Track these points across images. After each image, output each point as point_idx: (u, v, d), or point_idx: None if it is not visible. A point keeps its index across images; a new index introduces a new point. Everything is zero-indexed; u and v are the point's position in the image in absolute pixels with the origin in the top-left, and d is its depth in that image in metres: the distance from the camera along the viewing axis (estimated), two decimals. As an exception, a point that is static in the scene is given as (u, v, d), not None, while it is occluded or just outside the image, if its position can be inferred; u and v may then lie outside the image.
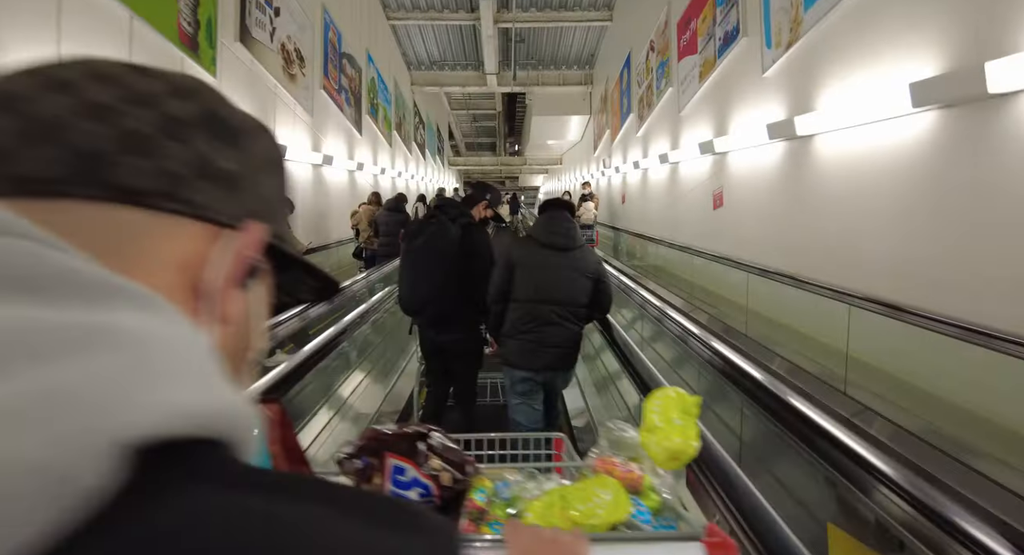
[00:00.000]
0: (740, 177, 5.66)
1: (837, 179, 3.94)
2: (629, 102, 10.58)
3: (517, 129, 27.70)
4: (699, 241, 6.72)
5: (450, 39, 13.38)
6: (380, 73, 11.24)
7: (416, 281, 2.79)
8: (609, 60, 12.84)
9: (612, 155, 12.43)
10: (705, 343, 2.57)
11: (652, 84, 8.89)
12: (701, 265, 6.49)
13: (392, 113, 12.40)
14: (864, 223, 3.62)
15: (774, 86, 4.82)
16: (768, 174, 4.98)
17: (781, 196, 4.77)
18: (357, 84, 9.54)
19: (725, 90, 5.98)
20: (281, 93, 6.32)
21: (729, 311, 5.40)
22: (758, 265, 4.98)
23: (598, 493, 0.86)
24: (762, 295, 4.86)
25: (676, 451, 0.92)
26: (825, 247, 4.04)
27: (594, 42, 13.66)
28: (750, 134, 5.14)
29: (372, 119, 10.55)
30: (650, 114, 9.02)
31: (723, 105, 6.03)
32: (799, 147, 4.43)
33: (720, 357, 2.34)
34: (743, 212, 5.60)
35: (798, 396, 1.79)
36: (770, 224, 4.96)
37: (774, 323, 4.63)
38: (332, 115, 8.20)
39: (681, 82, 7.44)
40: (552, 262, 2.58)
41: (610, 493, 0.86)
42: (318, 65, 7.60)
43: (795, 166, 4.52)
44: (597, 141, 14.59)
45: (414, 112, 15.40)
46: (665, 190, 8.28)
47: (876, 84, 3.39)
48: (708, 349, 2.50)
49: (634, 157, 9.96)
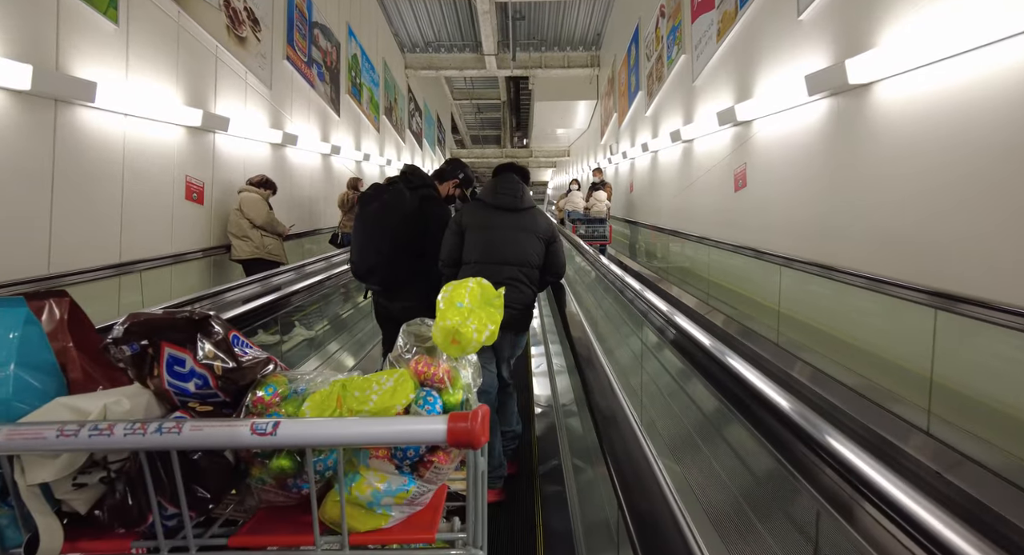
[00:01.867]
0: (768, 150, 4.64)
1: (914, 140, 2.92)
2: (637, 79, 9.55)
3: (524, 122, 26.71)
4: (716, 230, 5.70)
5: (444, 17, 12.40)
6: (365, 51, 10.31)
7: (364, 246, 2.72)
8: (616, 38, 11.80)
9: (620, 140, 11.40)
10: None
11: (662, 54, 7.87)
12: (741, 268, 5.46)
13: (380, 96, 11.47)
14: (956, 199, 2.60)
15: (814, 29, 3.80)
16: (805, 141, 3.96)
17: (824, 169, 3.75)
18: (334, 60, 8.61)
19: (749, 45, 4.95)
20: (225, 57, 5.40)
21: (771, 320, 4.40)
22: (793, 257, 3.96)
23: (380, 381, 0.81)
24: (818, 298, 3.85)
25: (451, 331, 0.88)
26: (894, 232, 3.03)
27: (600, 19, 12.60)
28: (781, 93, 4.12)
29: (354, 100, 9.63)
30: (660, 89, 8.00)
31: (746, 65, 5.01)
32: (849, 103, 3.41)
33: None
34: (771, 192, 4.59)
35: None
36: (808, 205, 3.94)
37: (848, 344, 3.60)
38: (299, 90, 7.28)
39: (695, 47, 6.41)
40: (500, 222, 2.55)
41: (392, 381, 0.81)
42: (280, 31, 6.68)
43: (844, 127, 3.51)
44: (604, 127, 13.55)
45: (408, 98, 14.46)
46: (678, 173, 7.26)
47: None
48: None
49: (643, 139, 8.94)
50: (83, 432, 0.63)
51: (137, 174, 4.17)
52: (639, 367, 3.06)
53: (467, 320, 0.90)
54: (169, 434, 0.64)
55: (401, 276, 2.70)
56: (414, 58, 14.07)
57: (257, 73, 6.05)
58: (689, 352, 2.03)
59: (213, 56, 5.23)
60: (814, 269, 3.54)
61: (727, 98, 5.47)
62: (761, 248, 4.53)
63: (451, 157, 3.32)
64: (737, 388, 1.56)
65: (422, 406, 0.83)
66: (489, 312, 0.95)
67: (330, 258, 5.58)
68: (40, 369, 0.75)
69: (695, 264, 6.36)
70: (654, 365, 2.75)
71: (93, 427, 0.63)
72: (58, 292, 0.85)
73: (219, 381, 0.78)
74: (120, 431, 0.63)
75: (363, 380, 0.82)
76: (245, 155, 5.86)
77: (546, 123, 18.15)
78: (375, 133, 11.12)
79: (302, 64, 7.31)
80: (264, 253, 5.11)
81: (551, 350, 4.52)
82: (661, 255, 8.04)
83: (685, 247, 6.56)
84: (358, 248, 2.75)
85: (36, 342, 0.76)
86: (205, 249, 5.07)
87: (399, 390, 0.80)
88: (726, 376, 1.65)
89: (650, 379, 2.80)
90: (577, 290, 5.43)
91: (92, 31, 3.72)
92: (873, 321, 3.06)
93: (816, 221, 3.77)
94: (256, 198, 5.09)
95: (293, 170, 7.11)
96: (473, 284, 0.99)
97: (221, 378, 0.78)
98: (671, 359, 2.42)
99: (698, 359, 1.93)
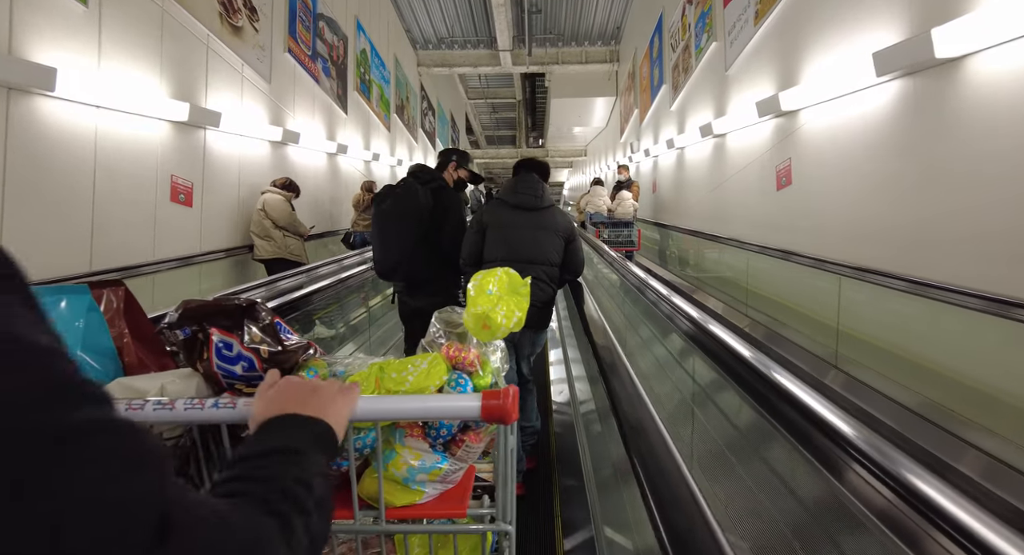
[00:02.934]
0: (819, 142, 4.09)
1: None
2: (661, 72, 9.00)
3: (539, 122, 26.20)
4: (755, 233, 5.15)
5: (458, 11, 11.94)
6: (375, 46, 9.90)
7: (385, 244, 2.71)
8: (637, 31, 11.25)
9: (641, 137, 10.84)
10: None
11: (689, 44, 7.32)
12: (787, 276, 4.91)
13: (391, 93, 11.05)
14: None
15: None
16: (868, 130, 3.41)
17: (906, 163, 3.19)
18: (341, 54, 8.20)
19: (794, 25, 4.40)
20: (218, 47, 4.99)
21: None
22: (858, 265, 3.41)
23: (415, 363, 0.86)
24: (905, 319, 3.30)
25: (481, 317, 0.92)
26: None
27: (620, 11, 12.05)
28: (837, 77, 3.58)
29: (363, 97, 9.22)
30: (687, 81, 7.44)
31: (791, 47, 4.46)
32: (930, 84, 2.86)
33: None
34: (823, 191, 4.03)
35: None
36: (881, 205, 3.38)
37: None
38: (302, 85, 6.87)
39: (728, 32, 5.86)
40: (521, 222, 2.59)
41: (426, 364, 0.86)
42: (281, 22, 6.27)
43: (925, 110, 2.95)
44: (624, 124, 12.99)
45: (421, 96, 14.04)
46: (708, 171, 6.70)
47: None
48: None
49: (668, 135, 8.39)
50: (148, 407, 0.67)
51: (112, 173, 3.75)
52: (675, 386, 2.55)
53: (496, 306, 0.95)
54: (224, 408, 0.69)
55: (422, 271, 2.70)
56: (427, 55, 13.64)
57: (255, 66, 5.64)
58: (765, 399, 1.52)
59: (204, 46, 4.81)
60: (896, 283, 2.99)
61: (767, 86, 4.92)
62: (813, 254, 3.98)
63: (443, 151, 3.20)
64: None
65: (454, 388, 0.88)
66: (516, 300, 1.00)
67: (341, 261, 5.20)
68: (101, 353, 0.81)
69: (733, 271, 5.79)
70: (679, 373, 2.25)
71: (157, 402, 0.68)
72: (115, 282, 0.90)
73: (264, 363, 0.83)
74: (180, 406, 0.68)
75: (399, 363, 0.86)
76: (240, 154, 5.45)
77: (562, 121, 17.60)
78: (385, 132, 10.70)
79: (305, 58, 6.90)
80: (286, 253, 5.16)
81: (568, 355, 4.04)
82: (694, 262, 7.29)
83: (723, 253, 5.95)
84: (379, 247, 2.74)
85: (97, 328, 0.82)
86: (194, 255, 4.65)
87: (433, 372, 0.85)
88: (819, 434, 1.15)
89: (682, 389, 2.32)
90: (605, 306, 4.92)
91: (56, 12, 3.31)
92: (998, 355, 2.49)
93: (897, 225, 3.21)
94: (279, 199, 5.15)
95: (295, 170, 6.69)
96: (501, 273, 1.03)
97: (267, 361, 0.83)
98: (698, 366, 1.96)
99: (782, 412, 1.41)
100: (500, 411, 0.70)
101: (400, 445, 0.82)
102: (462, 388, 0.87)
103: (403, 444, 0.82)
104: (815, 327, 3.80)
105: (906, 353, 2.97)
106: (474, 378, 0.90)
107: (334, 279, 3.69)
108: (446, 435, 0.85)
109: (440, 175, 2.83)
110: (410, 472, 0.81)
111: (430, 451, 0.83)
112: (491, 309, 0.93)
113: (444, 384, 0.86)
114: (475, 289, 0.98)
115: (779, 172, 4.73)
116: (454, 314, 0.96)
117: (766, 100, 4.67)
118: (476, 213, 2.73)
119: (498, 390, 0.72)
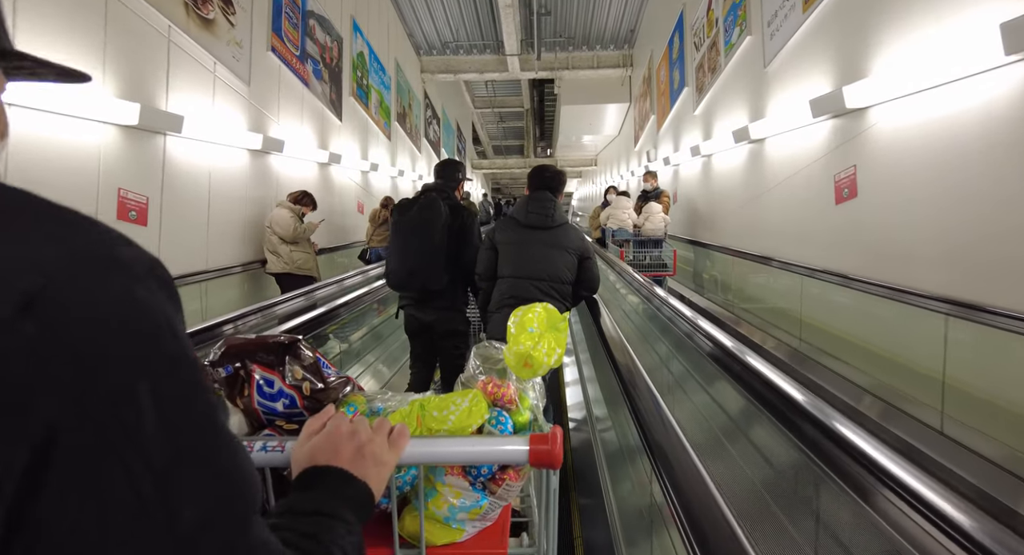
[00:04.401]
0: (899, 145, 3.34)
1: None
2: (682, 74, 8.29)
3: (548, 132, 25.56)
4: (806, 253, 4.39)
5: (463, 13, 11.33)
6: (373, 49, 9.27)
7: (404, 249, 2.74)
8: (653, 32, 10.57)
9: (659, 145, 10.12)
10: None
11: (717, 41, 6.61)
12: (858, 308, 4.14)
13: (392, 100, 10.41)
14: None
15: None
16: (985, 128, 2.65)
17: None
18: (335, 56, 7.56)
19: (862, 4, 3.67)
20: (182, 41, 4.33)
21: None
22: (970, 302, 2.64)
23: (456, 402, 0.86)
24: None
25: (523, 355, 0.93)
26: None
27: (635, 13, 11.39)
28: (934, 63, 2.84)
29: (360, 103, 8.57)
30: (714, 81, 6.72)
31: (857, 32, 3.73)
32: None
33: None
34: (902, 204, 3.27)
35: None
36: (990, 223, 2.62)
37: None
38: (289, 88, 6.21)
39: (768, 23, 5.15)
40: (532, 239, 2.62)
41: (467, 402, 0.87)
42: (263, 16, 5.62)
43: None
44: (639, 132, 12.29)
45: (425, 104, 13.42)
46: (742, 181, 5.96)
47: None
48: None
49: (691, 142, 7.65)
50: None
51: (33, 186, 3.05)
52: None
53: (538, 344, 0.96)
54: (273, 452, 0.68)
55: (439, 279, 2.71)
56: (430, 61, 13.03)
57: (229, 64, 4.98)
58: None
59: (164, 38, 4.15)
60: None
61: (821, 82, 4.19)
62: (895, 284, 3.22)
63: (442, 162, 3.04)
64: None
65: (495, 426, 0.89)
66: (556, 336, 1.01)
67: (341, 281, 5.08)
68: None
69: (783, 299, 5.00)
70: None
71: None
72: None
73: (306, 401, 0.84)
74: None
75: (440, 400, 0.88)
76: (211, 164, 4.77)
77: (572, 130, 16.91)
78: (386, 141, 10.05)
79: (293, 58, 6.24)
80: (293, 267, 5.11)
81: (584, 374, 3.31)
82: (735, 286, 6.16)
83: (769, 277, 5.12)
84: (398, 252, 2.78)
85: None
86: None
87: (474, 411, 0.86)
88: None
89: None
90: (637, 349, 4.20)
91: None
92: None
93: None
94: (285, 214, 5.06)
95: (280, 181, 6.01)
96: (540, 309, 1.04)
97: (309, 398, 0.84)
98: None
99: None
100: (548, 456, 0.70)
101: (440, 483, 0.82)
102: (503, 426, 0.89)
103: (443, 482, 0.83)
104: (908, 377, 3.02)
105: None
106: (513, 415, 0.91)
107: (320, 311, 3.32)
108: (487, 474, 0.85)
109: (450, 194, 2.85)
110: (451, 511, 0.82)
111: (470, 489, 0.84)
112: (533, 347, 0.94)
113: (484, 422, 0.87)
114: (516, 327, 0.99)
115: (839, 182, 3.98)
116: (491, 349, 0.99)
117: (823, 97, 3.94)
118: (489, 230, 2.80)
119: (545, 434, 0.72)
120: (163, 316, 0.34)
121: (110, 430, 0.30)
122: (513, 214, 2.73)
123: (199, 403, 0.35)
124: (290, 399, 0.82)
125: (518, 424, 0.89)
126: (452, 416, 0.82)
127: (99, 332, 0.31)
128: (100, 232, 0.34)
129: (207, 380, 0.30)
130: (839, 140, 3.98)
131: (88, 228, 0.34)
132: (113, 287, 0.32)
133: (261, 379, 0.82)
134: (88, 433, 0.29)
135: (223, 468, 0.36)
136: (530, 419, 0.92)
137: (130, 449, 0.31)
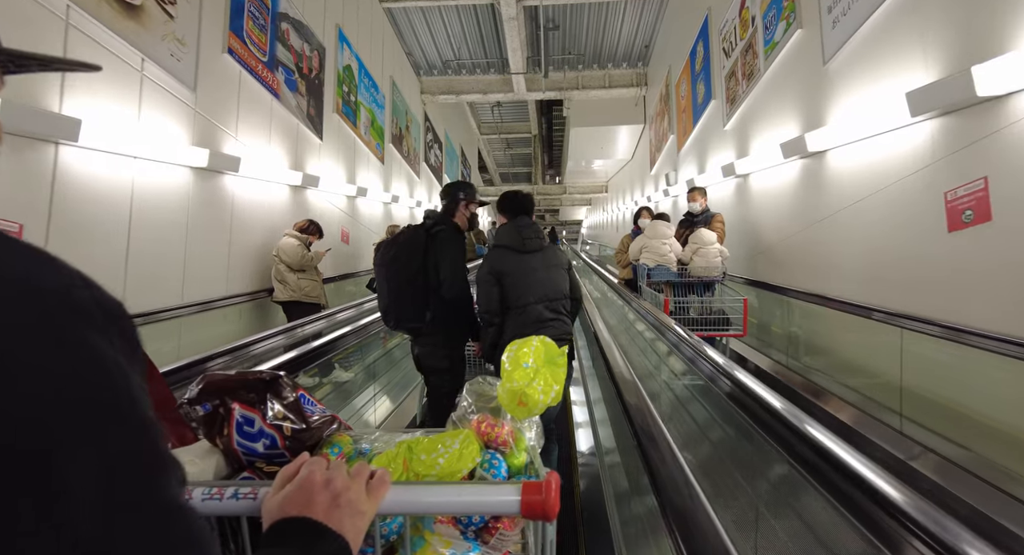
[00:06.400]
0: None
1: None
2: (708, 87, 7.34)
3: (556, 159, 24.81)
4: (904, 298, 3.30)
5: (464, 30, 10.55)
6: (364, 64, 8.43)
7: (380, 288, 2.76)
8: (671, 46, 9.69)
9: (680, 167, 9.12)
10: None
11: (754, 42, 5.65)
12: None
13: (386, 120, 9.55)
14: None
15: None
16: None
17: None
18: (315, 67, 6.68)
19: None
20: (91, 29, 3.41)
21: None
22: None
23: (445, 443, 0.81)
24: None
25: (517, 393, 0.88)
26: None
27: (649, 27, 10.57)
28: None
29: (347, 121, 7.67)
30: (751, 90, 5.73)
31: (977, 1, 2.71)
32: None
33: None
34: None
35: None
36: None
37: None
38: (253, 98, 5.29)
39: (828, 10, 4.17)
40: (533, 264, 2.66)
41: (457, 443, 0.81)
42: (218, 13, 4.73)
43: None
44: (655, 154, 11.33)
45: (426, 127, 12.60)
46: (791, 204, 4.90)
47: None
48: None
49: (721, 161, 6.63)
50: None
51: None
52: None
53: (533, 381, 0.90)
54: (245, 500, 0.64)
55: (412, 317, 2.68)
56: (431, 82, 12.25)
57: (166, 64, 4.06)
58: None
59: (61, 22, 3.22)
60: None
61: (915, 72, 3.17)
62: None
63: (445, 186, 2.73)
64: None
65: (487, 470, 0.83)
66: (553, 371, 0.95)
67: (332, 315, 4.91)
68: None
69: (879, 361, 3.81)
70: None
71: None
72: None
73: (287, 441, 0.79)
74: (198, 496, 0.63)
75: (429, 441, 0.82)
76: (135, 183, 3.79)
77: (582, 154, 16.01)
78: (378, 164, 9.14)
79: (258, 64, 5.34)
80: (301, 296, 5.12)
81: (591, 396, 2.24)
82: (803, 339, 4.65)
83: (863, 333, 3.70)
84: (381, 294, 2.76)
85: None
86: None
87: (465, 454, 0.80)
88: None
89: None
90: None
91: None
92: None
93: None
94: (293, 243, 5.09)
95: (237, 205, 5.04)
96: (537, 342, 0.98)
97: (290, 439, 0.79)
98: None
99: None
100: (542, 507, 0.64)
101: (429, 532, 0.77)
102: (496, 470, 0.84)
103: (432, 531, 0.77)
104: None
105: None
106: (508, 457, 0.87)
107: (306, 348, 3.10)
108: (478, 522, 0.80)
109: (445, 218, 2.79)
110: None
111: (461, 539, 0.78)
112: (527, 385, 0.89)
113: (476, 466, 0.82)
114: (510, 362, 0.94)
115: (952, 203, 2.91)
116: (485, 385, 0.94)
117: (933, 86, 2.91)
118: (484, 263, 2.72)
119: (539, 482, 0.66)
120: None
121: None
122: (506, 243, 2.71)
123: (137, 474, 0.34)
124: (271, 439, 0.79)
125: (513, 467, 0.86)
126: (441, 459, 0.78)
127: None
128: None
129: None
130: (955, 144, 2.92)
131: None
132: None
133: (241, 417, 0.79)
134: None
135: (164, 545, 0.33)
136: (526, 461, 0.88)
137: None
